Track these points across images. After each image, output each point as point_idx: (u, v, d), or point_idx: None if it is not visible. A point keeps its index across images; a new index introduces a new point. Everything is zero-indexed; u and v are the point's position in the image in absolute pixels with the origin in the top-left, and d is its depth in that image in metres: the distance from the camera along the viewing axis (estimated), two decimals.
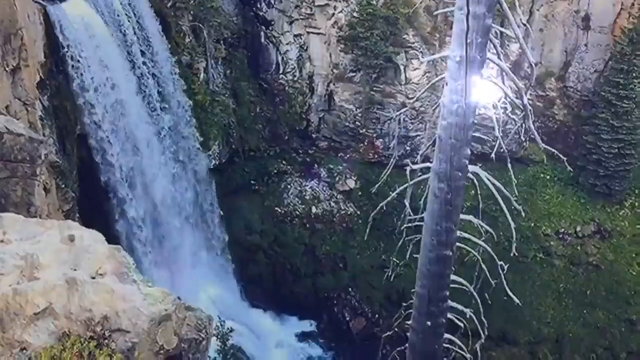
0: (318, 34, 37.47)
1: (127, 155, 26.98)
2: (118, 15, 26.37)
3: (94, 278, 7.50)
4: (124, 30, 26.65)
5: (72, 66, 23.50)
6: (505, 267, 14.72)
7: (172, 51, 30.77)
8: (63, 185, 22.08)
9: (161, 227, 30.51)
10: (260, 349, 32.45)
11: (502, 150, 13.15)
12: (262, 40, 38.15)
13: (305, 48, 38.07)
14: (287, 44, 37.95)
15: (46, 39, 22.58)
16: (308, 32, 37.61)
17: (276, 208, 37.62)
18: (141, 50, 27.95)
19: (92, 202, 25.88)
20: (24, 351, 6.81)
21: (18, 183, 14.68)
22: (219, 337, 21.90)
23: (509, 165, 14.02)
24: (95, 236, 8.35)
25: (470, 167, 13.19)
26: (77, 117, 24.68)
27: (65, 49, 23.09)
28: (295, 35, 37.77)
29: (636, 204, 37.97)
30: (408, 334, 15.82)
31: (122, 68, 26.69)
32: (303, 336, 35.19)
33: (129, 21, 26.96)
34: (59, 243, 7.98)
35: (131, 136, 27.29)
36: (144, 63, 28.06)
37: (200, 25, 33.49)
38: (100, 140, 25.30)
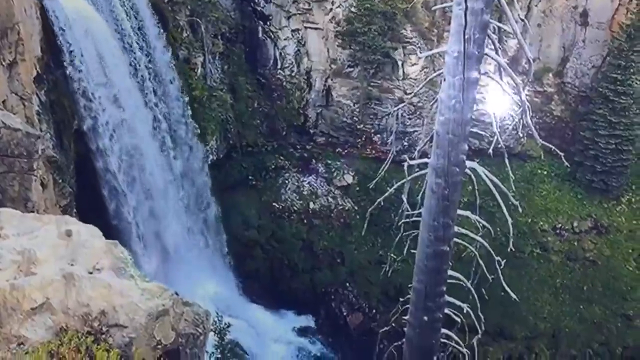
0: (316, 29, 37.40)
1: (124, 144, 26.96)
2: (114, 10, 26.26)
3: (91, 273, 7.49)
4: (121, 25, 26.56)
5: (69, 61, 23.41)
6: (502, 263, 14.73)
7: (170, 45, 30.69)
8: (60, 181, 22.02)
9: (158, 222, 30.48)
10: (258, 344, 32.50)
11: (499, 145, 13.15)
12: (260, 35, 38.06)
13: (303, 43, 38.00)
14: (284, 39, 37.88)
15: (43, 34, 22.49)
16: (306, 27, 37.54)
17: (274, 203, 37.62)
18: (139, 45, 27.85)
19: (90, 197, 25.84)
20: (22, 346, 6.81)
21: (15, 178, 14.67)
22: (216, 332, 21.89)
23: (507, 161, 14.02)
24: (93, 231, 8.34)
25: (468, 163, 13.20)
26: (74, 112, 24.61)
27: (62, 43, 22.99)
28: (293, 30, 37.69)
29: (633, 199, 38.08)
30: (405, 329, 15.86)
31: (119, 61, 26.59)
32: (300, 331, 35.24)
33: (126, 14, 26.87)
34: (56, 238, 7.97)
35: (131, 132, 27.26)
36: (145, 67, 28.04)
37: (198, 20, 33.39)
38: (97, 136, 25.26)
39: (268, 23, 37.76)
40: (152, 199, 29.74)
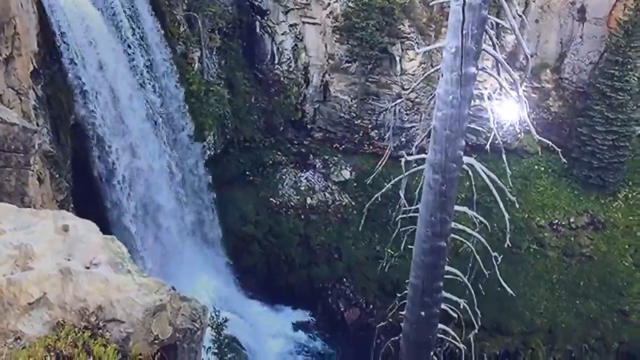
0: (313, 24, 37.32)
1: (120, 139, 26.94)
2: (112, 4, 26.18)
3: (88, 268, 7.49)
4: (118, 19, 26.47)
5: (66, 54, 23.33)
6: (499, 258, 14.77)
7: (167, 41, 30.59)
8: (57, 175, 21.98)
9: (155, 217, 30.46)
10: (255, 338, 32.56)
11: (497, 141, 13.15)
12: (258, 30, 37.97)
13: (300, 38, 37.92)
14: (282, 34, 37.80)
15: (39, 28, 22.40)
16: (303, 22, 37.45)
17: (271, 199, 37.62)
18: (136, 39, 27.76)
19: (87, 192, 25.81)
20: (18, 341, 6.80)
21: (12, 173, 14.63)
22: (213, 327, 21.93)
23: (504, 157, 14.04)
24: (90, 226, 8.32)
25: (465, 159, 13.21)
26: (71, 106, 24.54)
27: (59, 37, 22.90)
28: (290, 25, 37.61)
29: (630, 195, 38.19)
30: (402, 324, 15.90)
31: (115, 54, 26.53)
32: (298, 326, 35.32)
33: (122, 7, 26.78)
34: (53, 233, 7.95)
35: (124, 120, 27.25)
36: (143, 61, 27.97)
37: (195, 14, 33.28)
38: (93, 126, 25.25)
39: (265, 18, 37.66)
40: (149, 193, 29.71)
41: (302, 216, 37.51)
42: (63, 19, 22.95)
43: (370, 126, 38.72)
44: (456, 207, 14.07)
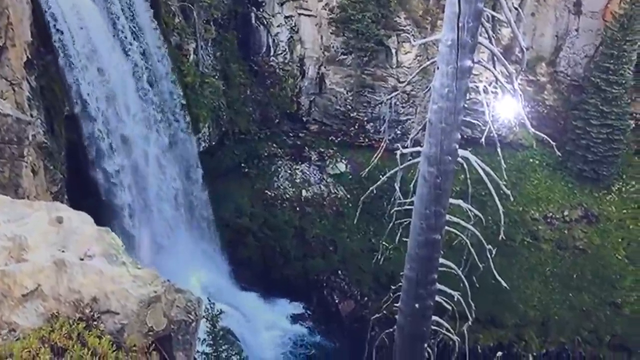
0: (309, 15, 37.17)
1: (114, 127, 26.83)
2: None
3: (82, 260, 7.47)
4: (113, 10, 26.30)
5: (59, 42, 23.16)
6: (493, 251, 14.83)
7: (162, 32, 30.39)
8: (51, 167, 21.90)
9: (150, 209, 30.41)
10: (250, 330, 32.64)
11: (492, 134, 13.17)
12: (253, 21, 37.80)
13: (296, 30, 37.77)
14: (277, 25, 37.63)
15: (33, 19, 22.22)
16: (299, 14, 37.30)
17: (266, 191, 37.61)
18: (131, 31, 27.59)
19: (81, 184, 25.72)
20: (13, 332, 6.80)
21: (5, 164, 14.56)
22: (208, 319, 21.95)
23: (499, 150, 14.05)
24: (84, 218, 8.31)
25: (460, 152, 13.23)
26: (65, 97, 24.40)
27: (53, 27, 22.73)
28: (286, 17, 37.44)
29: (623, 189, 38.34)
30: (396, 316, 15.97)
31: (109, 47, 26.36)
32: (293, 318, 35.41)
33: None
34: (47, 225, 7.93)
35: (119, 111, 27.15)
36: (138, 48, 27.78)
37: (190, 5, 33.06)
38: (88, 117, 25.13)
39: (261, 9, 37.47)
40: (144, 185, 29.65)
41: (298, 209, 37.52)
42: (57, 9, 22.76)
43: (365, 119, 38.69)
44: (451, 200, 14.11)
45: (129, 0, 27.62)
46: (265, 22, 37.70)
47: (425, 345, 16.03)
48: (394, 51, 36.60)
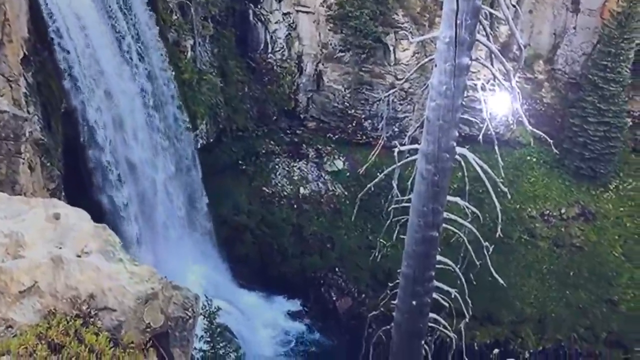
0: (307, 12, 37.11)
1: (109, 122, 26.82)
2: None
3: (79, 256, 7.46)
4: (110, 5, 26.22)
5: (56, 40, 23.09)
6: (491, 248, 14.86)
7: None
8: (48, 164, 21.84)
9: (148, 206, 30.36)
10: (248, 327, 32.67)
11: (489, 132, 13.19)
12: (251, 18, 37.72)
13: (294, 27, 37.71)
14: (275, 22, 37.57)
15: (29, 14, 22.14)
16: (297, 11, 37.23)
17: (264, 188, 37.59)
18: (128, 26, 27.52)
19: (79, 181, 25.68)
20: (10, 329, 6.79)
21: (2, 161, 14.54)
22: (206, 316, 21.99)
23: (496, 148, 14.07)
24: (81, 214, 8.29)
25: (458, 149, 13.23)
26: (62, 94, 24.33)
27: (49, 22, 22.65)
28: (284, 14, 37.37)
29: (620, 187, 38.44)
30: (394, 313, 15.99)
31: (106, 41, 26.30)
32: (290, 315, 35.44)
33: None
34: (44, 221, 7.91)
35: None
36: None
37: (188, 2, 32.98)
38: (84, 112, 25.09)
39: (259, 6, 37.40)
40: (141, 183, 29.60)
41: (295, 206, 37.52)
42: (54, 5, 22.68)
43: (363, 116, 38.68)
44: (448, 198, 14.12)
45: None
46: (263, 19, 37.63)
47: (422, 342, 16.07)
48: (391, 48, 36.58)
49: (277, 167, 38.44)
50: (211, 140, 35.85)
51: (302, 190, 37.86)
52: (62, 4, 23.18)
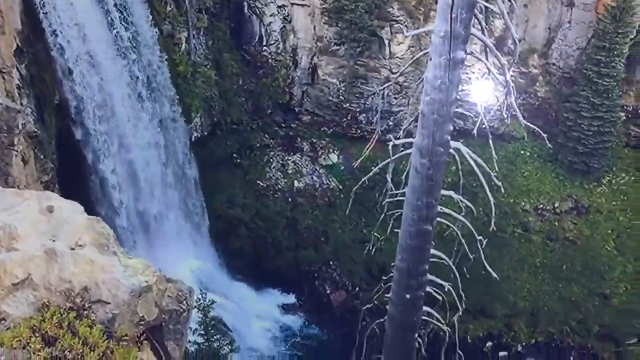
0: (302, 5, 36.98)
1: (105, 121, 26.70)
2: None
3: (73, 249, 7.44)
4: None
5: (50, 30, 22.93)
6: (484, 242, 14.90)
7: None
8: (42, 156, 21.74)
9: (143, 201, 30.30)
10: (242, 321, 32.71)
11: (484, 126, 13.18)
12: (246, 11, 37.56)
13: (289, 20, 37.59)
14: (270, 15, 37.42)
15: (23, 6, 21.97)
16: (292, 4, 37.10)
17: (258, 182, 37.56)
18: (122, 18, 27.36)
19: (73, 174, 25.57)
20: (3, 322, 6.77)
21: None
22: (200, 309, 21.99)
23: (491, 142, 14.07)
24: (75, 207, 8.25)
25: (452, 143, 13.24)
26: (55, 86, 24.19)
27: (42, 14, 22.49)
28: (279, 7, 37.23)
29: (614, 181, 38.62)
30: (388, 306, 16.04)
31: (101, 33, 26.16)
32: (284, 309, 35.51)
33: None
34: (37, 214, 7.88)
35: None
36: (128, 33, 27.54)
37: None
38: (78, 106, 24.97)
39: None
40: (135, 176, 29.52)
41: (290, 200, 37.52)
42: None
43: (358, 110, 38.65)
44: (442, 192, 14.14)
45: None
46: (258, 12, 37.47)
47: (416, 335, 16.13)
48: (387, 42, 36.54)
49: (271, 160, 38.39)
50: (206, 133, 35.76)
51: (296, 184, 37.86)
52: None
